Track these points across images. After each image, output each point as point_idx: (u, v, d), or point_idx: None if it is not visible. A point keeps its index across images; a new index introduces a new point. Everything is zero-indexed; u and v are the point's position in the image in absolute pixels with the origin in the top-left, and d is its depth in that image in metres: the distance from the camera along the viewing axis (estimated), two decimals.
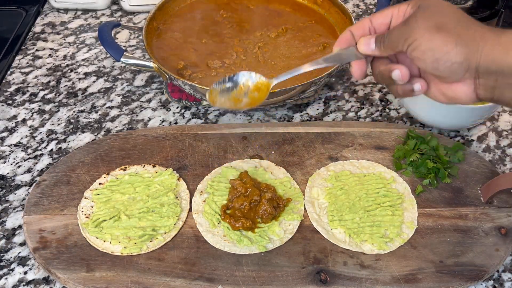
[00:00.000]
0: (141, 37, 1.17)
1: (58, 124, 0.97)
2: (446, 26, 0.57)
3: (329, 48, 1.03)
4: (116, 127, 0.97)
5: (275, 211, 0.77)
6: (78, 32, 1.19)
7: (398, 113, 0.99)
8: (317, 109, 1.00)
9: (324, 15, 1.11)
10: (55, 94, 1.03)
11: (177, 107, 1.00)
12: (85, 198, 0.80)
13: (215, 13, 1.11)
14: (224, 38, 1.05)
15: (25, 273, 0.75)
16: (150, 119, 0.98)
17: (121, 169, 0.85)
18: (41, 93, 1.03)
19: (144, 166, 0.85)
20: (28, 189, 0.86)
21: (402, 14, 0.62)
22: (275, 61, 0.99)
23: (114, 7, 1.27)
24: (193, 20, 1.10)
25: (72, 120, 0.98)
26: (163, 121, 0.98)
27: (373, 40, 0.63)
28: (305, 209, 0.80)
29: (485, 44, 0.56)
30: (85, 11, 1.26)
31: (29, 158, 0.91)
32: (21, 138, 0.94)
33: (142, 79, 1.07)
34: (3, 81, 1.06)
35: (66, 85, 1.05)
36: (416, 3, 0.61)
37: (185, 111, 1.00)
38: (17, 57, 1.12)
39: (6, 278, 0.74)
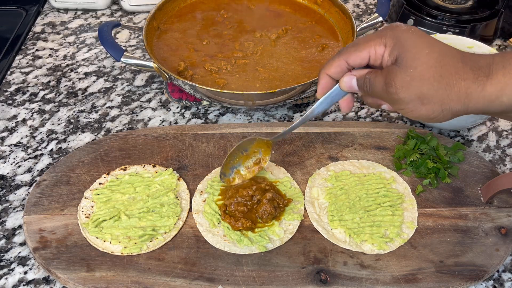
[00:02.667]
0: (141, 37, 1.17)
1: (58, 124, 0.97)
2: (428, 98, 0.59)
3: (328, 49, 1.03)
4: (116, 127, 0.97)
5: (275, 211, 0.77)
6: (78, 32, 1.19)
7: (398, 113, 0.99)
8: None
9: (324, 15, 1.11)
10: (55, 94, 1.03)
11: (177, 107, 1.00)
12: (85, 198, 0.80)
13: (216, 13, 1.11)
14: (225, 39, 1.05)
15: (25, 273, 0.75)
16: (150, 119, 0.98)
17: (121, 169, 0.85)
18: (41, 93, 1.03)
19: (144, 166, 0.85)
20: (28, 189, 0.86)
21: (380, 57, 0.63)
22: (275, 64, 0.99)
23: (114, 7, 1.27)
24: (193, 20, 1.10)
25: (72, 120, 0.98)
26: (163, 121, 0.98)
27: (355, 81, 0.65)
28: (305, 209, 0.80)
29: (470, 101, 0.58)
30: (85, 11, 1.26)
31: (29, 158, 0.91)
32: (21, 138, 0.94)
33: (142, 79, 1.07)
34: (3, 81, 1.06)
35: (66, 85, 1.05)
36: (393, 47, 0.61)
37: (185, 111, 1.00)
38: (17, 57, 1.12)
39: (6, 278, 0.74)
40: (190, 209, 0.80)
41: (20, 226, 0.80)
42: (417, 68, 0.59)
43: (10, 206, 0.83)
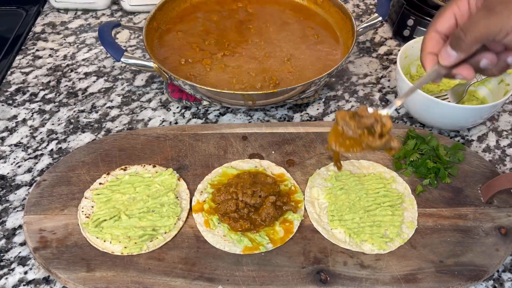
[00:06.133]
0: (141, 37, 1.17)
1: (59, 124, 0.97)
2: None
3: (322, 36, 1.05)
4: (116, 127, 0.97)
5: (278, 213, 0.77)
6: (78, 32, 1.19)
7: (398, 113, 1.00)
8: (317, 109, 1.00)
9: (324, 16, 1.11)
10: (55, 94, 1.03)
11: (177, 107, 1.00)
12: (85, 198, 0.80)
13: (215, 14, 1.12)
14: (223, 39, 1.05)
15: (26, 273, 0.75)
16: (150, 119, 0.98)
17: (121, 169, 0.85)
18: (41, 93, 1.03)
19: (144, 166, 0.85)
20: (29, 189, 0.86)
21: (465, 11, 0.60)
22: (275, 60, 1.00)
23: (114, 7, 1.27)
24: (193, 21, 1.10)
25: (72, 120, 0.98)
26: (163, 121, 0.98)
27: (449, 49, 0.60)
28: (305, 209, 0.80)
29: None
30: (85, 11, 1.26)
31: (30, 158, 0.91)
32: (22, 138, 0.94)
33: (142, 79, 1.07)
34: (4, 81, 1.06)
35: (66, 85, 1.05)
36: None
37: (185, 111, 1.00)
38: (17, 57, 1.12)
39: (7, 278, 0.74)
40: (190, 209, 0.80)
41: (20, 226, 0.80)
42: None
43: (10, 206, 0.83)
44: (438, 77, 0.64)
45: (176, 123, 0.97)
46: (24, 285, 0.73)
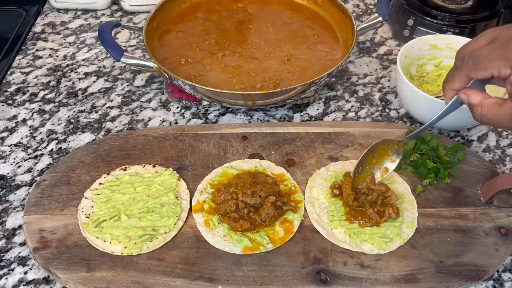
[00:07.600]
0: (141, 37, 1.17)
1: (58, 124, 0.97)
2: None
3: (322, 36, 1.05)
4: (116, 127, 0.97)
5: (278, 213, 0.77)
6: (78, 32, 1.19)
7: (398, 113, 1.00)
8: (317, 109, 1.00)
9: (324, 16, 1.11)
10: (55, 94, 1.03)
11: (177, 107, 1.00)
12: (85, 198, 0.80)
13: (215, 14, 1.12)
14: (223, 39, 1.05)
15: (25, 273, 0.75)
16: (150, 119, 0.98)
17: (121, 169, 0.85)
18: (41, 93, 1.03)
19: (144, 166, 0.85)
20: (28, 189, 0.86)
21: (504, 76, 0.63)
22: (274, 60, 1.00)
23: (114, 7, 1.27)
24: (193, 21, 1.10)
25: (72, 120, 0.98)
26: (163, 121, 0.98)
27: (464, 97, 0.68)
28: (305, 209, 0.80)
29: None
30: (85, 11, 1.26)
31: (29, 158, 0.91)
32: (21, 138, 0.94)
33: (142, 79, 1.07)
34: (3, 81, 1.06)
35: (66, 85, 1.05)
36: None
37: (185, 111, 1.00)
38: (17, 57, 1.12)
39: (6, 278, 0.74)
40: (190, 209, 0.80)
41: (20, 226, 0.80)
42: None
43: (10, 206, 0.83)
44: (456, 108, 0.73)
45: (176, 123, 0.97)
46: (24, 285, 0.73)
